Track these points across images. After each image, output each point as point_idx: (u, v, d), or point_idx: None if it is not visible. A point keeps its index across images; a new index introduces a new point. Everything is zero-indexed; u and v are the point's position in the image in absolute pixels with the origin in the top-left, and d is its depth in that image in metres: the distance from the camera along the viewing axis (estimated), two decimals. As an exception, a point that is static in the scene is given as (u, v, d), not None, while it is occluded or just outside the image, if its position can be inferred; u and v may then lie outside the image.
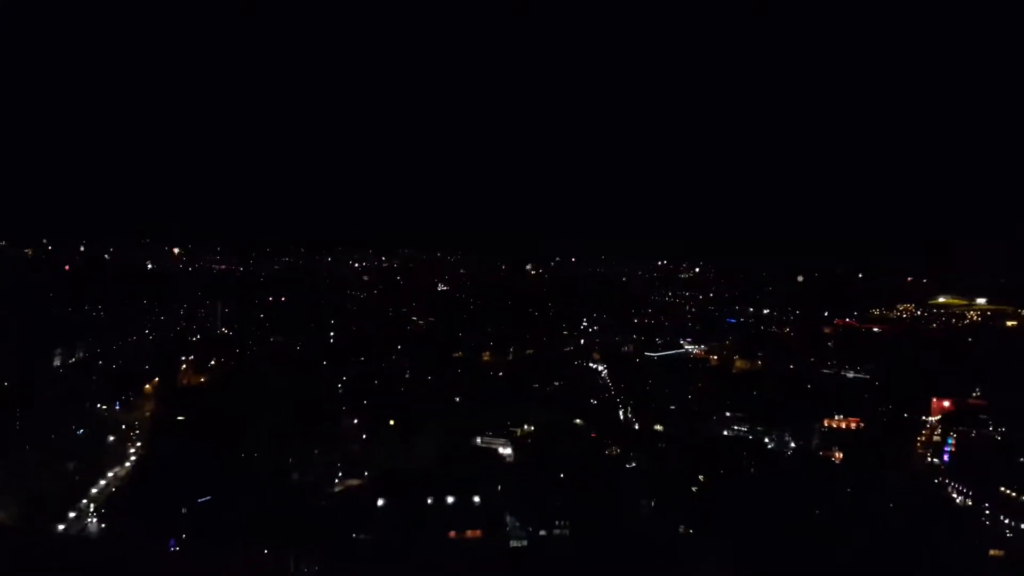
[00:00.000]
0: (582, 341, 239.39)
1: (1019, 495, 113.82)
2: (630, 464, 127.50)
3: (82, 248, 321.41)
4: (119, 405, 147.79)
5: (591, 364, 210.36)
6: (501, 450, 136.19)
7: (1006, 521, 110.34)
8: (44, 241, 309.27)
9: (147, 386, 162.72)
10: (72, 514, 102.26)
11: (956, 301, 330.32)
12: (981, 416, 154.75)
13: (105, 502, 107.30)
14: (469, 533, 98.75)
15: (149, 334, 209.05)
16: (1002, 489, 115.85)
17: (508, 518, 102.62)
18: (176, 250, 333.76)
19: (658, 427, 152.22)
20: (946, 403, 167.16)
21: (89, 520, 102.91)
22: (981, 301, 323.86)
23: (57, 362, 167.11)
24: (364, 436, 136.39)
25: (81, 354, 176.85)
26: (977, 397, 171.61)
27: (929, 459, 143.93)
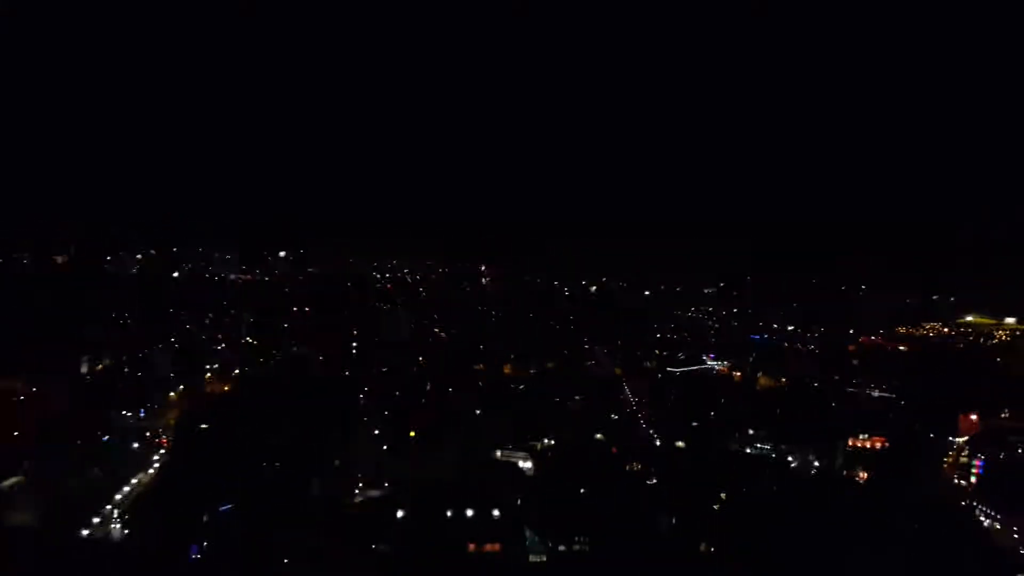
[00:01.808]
0: (604, 355, 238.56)
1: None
2: (651, 480, 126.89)
3: (109, 258, 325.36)
4: (144, 412, 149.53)
5: (612, 379, 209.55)
6: (521, 464, 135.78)
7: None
8: (72, 249, 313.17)
9: (172, 394, 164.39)
10: (96, 519, 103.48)
11: (984, 320, 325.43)
12: (1010, 437, 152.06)
13: (129, 508, 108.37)
14: (488, 546, 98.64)
15: (174, 342, 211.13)
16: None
17: (527, 532, 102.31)
18: (201, 261, 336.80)
19: (680, 443, 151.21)
20: (974, 423, 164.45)
21: (113, 526, 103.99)
22: (1010, 320, 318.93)
23: (84, 369, 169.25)
24: (384, 447, 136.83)
25: (107, 362, 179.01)
26: (1006, 417, 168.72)
27: (956, 480, 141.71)
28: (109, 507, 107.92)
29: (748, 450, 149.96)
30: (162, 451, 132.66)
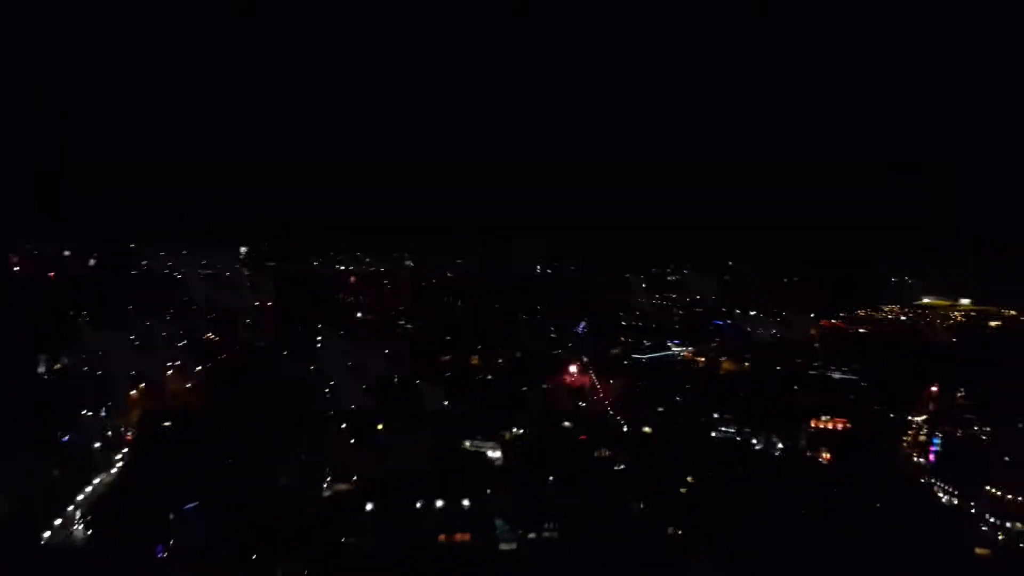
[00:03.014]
0: (570, 344, 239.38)
1: (1004, 494, 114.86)
2: (619, 466, 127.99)
3: (66, 253, 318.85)
4: (105, 411, 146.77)
5: (578, 367, 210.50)
6: (490, 453, 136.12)
7: (992, 520, 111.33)
8: (28, 246, 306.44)
9: (133, 391, 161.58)
10: (58, 521, 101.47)
11: (940, 302, 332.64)
12: (966, 416, 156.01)
13: (91, 509, 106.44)
14: (458, 536, 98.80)
15: (135, 339, 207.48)
16: (987, 488, 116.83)
17: (497, 521, 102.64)
18: (162, 254, 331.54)
19: (646, 429, 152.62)
20: (932, 403, 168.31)
21: (75, 527, 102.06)
22: (965, 302, 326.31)
23: (42, 368, 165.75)
24: (352, 440, 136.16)
25: (66, 360, 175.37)
26: (962, 397, 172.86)
27: (915, 459, 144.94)
28: (71, 508, 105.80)
29: (713, 434, 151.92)
30: (125, 450, 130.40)
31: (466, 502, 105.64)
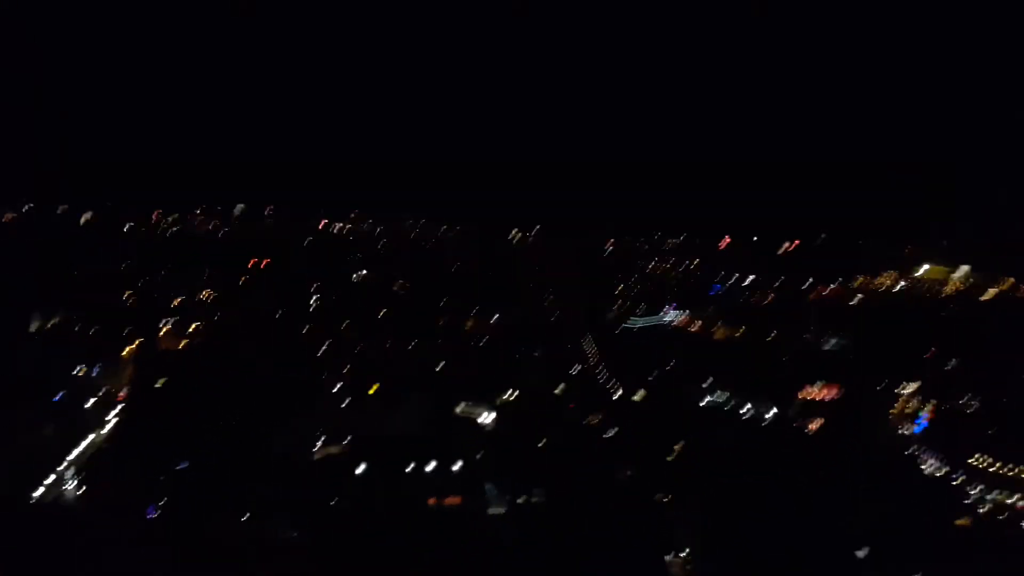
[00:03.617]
0: (565, 308, 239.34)
1: (990, 465, 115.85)
2: (608, 433, 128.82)
3: (58, 211, 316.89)
4: (97, 370, 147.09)
5: (572, 333, 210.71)
6: (482, 418, 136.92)
7: (975, 491, 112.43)
8: (18, 203, 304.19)
9: (126, 351, 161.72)
10: (51, 479, 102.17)
11: (939, 269, 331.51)
12: (956, 386, 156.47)
13: (83, 467, 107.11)
14: (448, 500, 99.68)
15: (127, 298, 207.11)
16: (974, 458, 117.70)
17: (487, 486, 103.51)
18: (157, 211, 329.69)
19: (637, 396, 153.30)
20: (923, 373, 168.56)
21: (67, 486, 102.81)
22: (964, 269, 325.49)
23: (33, 327, 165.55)
24: (344, 403, 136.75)
25: (58, 318, 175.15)
26: (954, 367, 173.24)
27: (903, 430, 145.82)
28: (63, 467, 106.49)
29: (704, 401, 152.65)
30: (117, 409, 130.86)
31: (456, 466, 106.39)
